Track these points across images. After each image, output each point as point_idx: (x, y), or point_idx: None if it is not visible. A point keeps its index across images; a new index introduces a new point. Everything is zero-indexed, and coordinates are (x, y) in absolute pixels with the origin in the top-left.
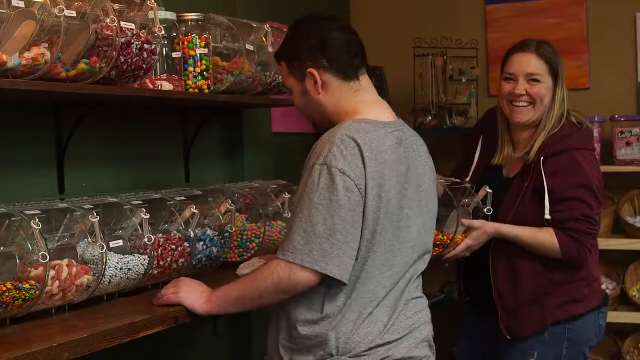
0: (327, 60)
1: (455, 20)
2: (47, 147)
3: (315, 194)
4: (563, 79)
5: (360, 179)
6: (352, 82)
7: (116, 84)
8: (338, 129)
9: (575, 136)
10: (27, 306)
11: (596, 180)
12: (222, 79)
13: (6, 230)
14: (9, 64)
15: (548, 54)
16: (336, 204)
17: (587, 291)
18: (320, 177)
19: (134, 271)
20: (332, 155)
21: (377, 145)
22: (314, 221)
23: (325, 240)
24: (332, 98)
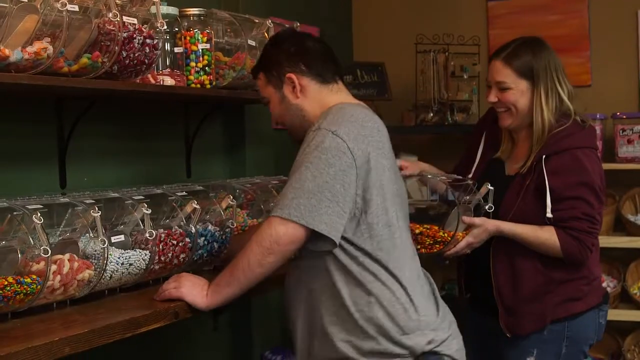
0: (305, 65)
1: (457, 17)
2: (49, 141)
3: (306, 154)
4: (551, 78)
5: (354, 142)
6: (331, 85)
7: (118, 78)
8: (330, 109)
9: (578, 135)
10: (28, 301)
11: (598, 179)
12: (224, 75)
13: (8, 224)
14: (12, 58)
15: (518, 58)
16: (325, 162)
17: (587, 289)
18: (313, 139)
19: (135, 266)
20: (326, 121)
21: (370, 119)
22: (302, 178)
23: (312, 196)
24: (312, 101)
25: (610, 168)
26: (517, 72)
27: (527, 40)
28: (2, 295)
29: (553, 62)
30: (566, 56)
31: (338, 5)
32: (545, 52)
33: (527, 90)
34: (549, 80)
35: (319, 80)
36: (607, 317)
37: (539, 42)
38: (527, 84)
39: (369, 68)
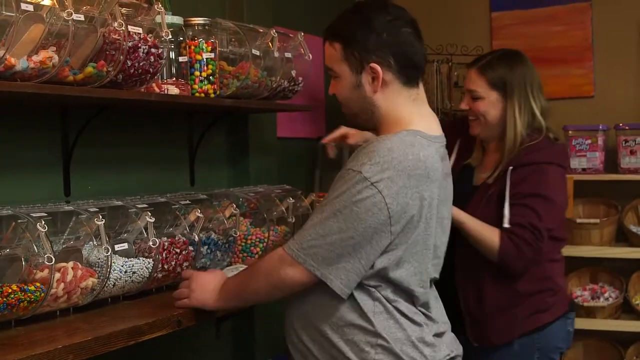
0: (394, 59)
1: (461, 27)
2: (53, 149)
3: (340, 199)
4: (524, 93)
5: (395, 198)
6: (412, 90)
7: (123, 87)
8: (391, 137)
9: (547, 150)
10: (32, 308)
11: (558, 196)
12: (228, 84)
13: (12, 232)
14: (17, 67)
15: (492, 70)
16: (356, 217)
17: (552, 300)
18: (350, 184)
19: (138, 274)
20: (371, 165)
21: (429, 162)
22: (329, 227)
23: (334, 250)
24: (389, 101)
25: (613, 179)
26: (490, 83)
27: (507, 53)
28: (6, 303)
29: (529, 77)
30: (569, 67)
31: None
32: (521, 67)
33: (498, 102)
34: (522, 95)
35: (403, 80)
36: (574, 325)
37: (518, 56)
38: (498, 96)
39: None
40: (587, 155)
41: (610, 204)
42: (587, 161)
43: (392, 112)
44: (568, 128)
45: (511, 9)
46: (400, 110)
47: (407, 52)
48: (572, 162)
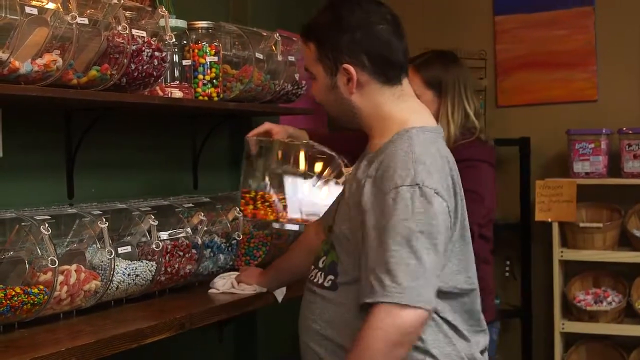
0: (369, 59)
1: (464, 31)
2: (57, 152)
3: (413, 220)
4: (459, 93)
5: (451, 198)
6: (395, 87)
7: (127, 91)
8: (411, 141)
9: (479, 149)
10: (35, 311)
11: (488, 195)
12: (232, 87)
13: (16, 235)
14: (22, 70)
15: (428, 68)
16: (436, 230)
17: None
18: (413, 201)
19: (141, 277)
20: (422, 173)
21: (448, 156)
22: (418, 253)
23: (432, 275)
24: (369, 102)
25: (616, 183)
26: (425, 81)
27: (442, 53)
28: (9, 305)
29: (463, 78)
30: (572, 71)
31: None
32: (456, 67)
33: (433, 102)
34: (456, 95)
35: (382, 80)
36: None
37: (452, 57)
38: (433, 95)
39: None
40: (591, 159)
41: (614, 208)
42: (591, 165)
43: (376, 112)
44: (571, 132)
45: (514, 12)
46: (387, 110)
47: (382, 50)
48: (575, 166)
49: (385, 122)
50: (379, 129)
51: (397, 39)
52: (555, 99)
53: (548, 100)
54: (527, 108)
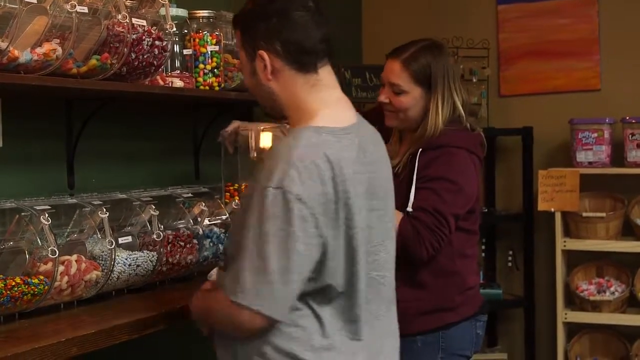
0: (282, 46)
1: (467, 20)
2: (57, 142)
3: (269, 223)
4: (448, 87)
5: (318, 206)
6: (310, 75)
7: (127, 80)
8: (295, 142)
9: (458, 135)
10: (36, 301)
11: (467, 183)
12: (233, 77)
13: (16, 225)
14: (21, 59)
15: (417, 63)
16: (292, 237)
17: (459, 299)
18: (274, 204)
19: (142, 267)
20: (289, 178)
21: (338, 161)
22: (266, 256)
23: (278, 279)
24: (285, 89)
25: (619, 172)
26: (415, 77)
27: (429, 44)
28: (9, 296)
29: (451, 70)
30: (575, 60)
31: (348, 8)
32: (444, 59)
33: (421, 98)
34: (445, 89)
35: (296, 67)
36: (485, 327)
37: (439, 47)
38: (422, 91)
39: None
40: (594, 148)
41: (617, 197)
42: (594, 154)
43: (291, 100)
44: (574, 121)
45: (517, 1)
46: (300, 99)
47: (296, 37)
48: (579, 155)
49: (298, 112)
50: (294, 119)
51: (315, 26)
52: (558, 89)
53: (551, 90)
54: (530, 97)
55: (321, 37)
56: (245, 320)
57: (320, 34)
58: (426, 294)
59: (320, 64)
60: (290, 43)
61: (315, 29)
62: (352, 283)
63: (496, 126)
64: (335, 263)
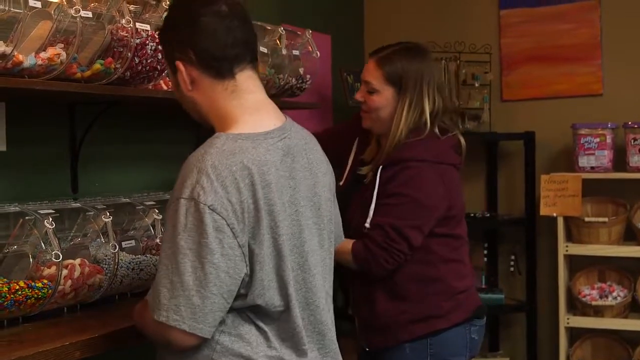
0: (194, 54)
1: (469, 25)
2: (61, 146)
3: (182, 236)
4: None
5: (233, 216)
6: (227, 82)
7: (130, 84)
8: (208, 149)
9: (422, 147)
10: (39, 305)
11: (426, 195)
12: None
13: (20, 229)
14: (25, 63)
15: (390, 64)
16: (207, 249)
17: (448, 306)
18: (187, 216)
19: (145, 272)
20: (201, 187)
21: (257, 167)
22: (181, 270)
23: (195, 294)
24: (206, 98)
25: (621, 177)
26: (386, 77)
27: (408, 46)
28: (13, 300)
29: (427, 74)
30: (578, 65)
31: (350, 13)
32: (420, 63)
33: (393, 99)
34: (416, 93)
35: (212, 74)
36: (483, 331)
37: (419, 51)
38: (393, 92)
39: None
40: (596, 153)
41: (619, 202)
42: (596, 159)
43: (212, 108)
44: (576, 126)
45: (520, 6)
46: (220, 106)
47: (206, 44)
48: (581, 160)
49: (220, 120)
50: (217, 127)
51: (226, 31)
52: (560, 93)
53: (553, 95)
54: (532, 102)
55: (233, 42)
56: (174, 338)
57: (231, 38)
58: (410, 306)
59: (238, 68)
60: (202, 49)
61: (226, 34)
62: (286, 296)
63: (498, 131)
64: (264, 274)
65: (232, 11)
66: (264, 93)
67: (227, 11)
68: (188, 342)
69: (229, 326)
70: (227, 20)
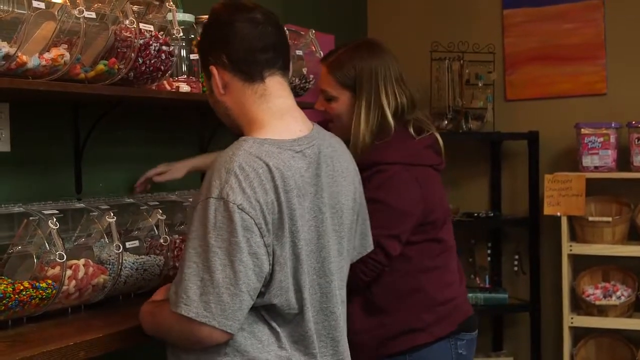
0: (227, 57)
1: (473, 25)
2: (65, 147)
3: (212, 234)
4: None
5: (261, 216)
6: (257, 85)
7: (134, 85)
8: (236, 151)
9: (390, 148)
10: (44, 305)
11: (399, 200)
12: None
13: (24, 229)
14: (29, 64)
15: (341, 66)
16: (236, 247)
17: (429, 318)
18: (216, 215)
19: (149, 272)
20: (230, 187)
21: (281, 172)
22: (211, 268)
23: (225, 291)
24: (236, 102)
25: (625, 177)
26: (339, 81)
27: (357, 44)
28: (17, 300)
29: (383, 71)
30: (581, 65)
31: (354, 14)
32: (372, 58)
33: (351, 103)
34: (373, 92)
35: (243, 77)
36: (474, 345)
37: (370, 46)
38: (350, 95)
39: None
40: (600, 153)
41: (623, 202)
42: (600, 159)
43: (242, 112)
44: (580, 126)
45: (523, 6)
46: (249, 110)
47: (237, 47)
48: (584, 159)
49: (249, 124)
50: (246, 131)
51: (260, 36)
52: (564, 93)
53: (557, 94)
54: (536, 102)
55: (264, 47)
56: (204, 335)
57: (263, 43)
58: (388, 319)
59: (268, 73)
60: (234, 53)
61: (258, 39)
62: (301, 300)
63: (502, 130)
64: (283, 276)
65: (266, 19)
66: (293, 100)
67: (261, 18)
68: (217, 338)
69: (243, 323)
70: (260, 27)
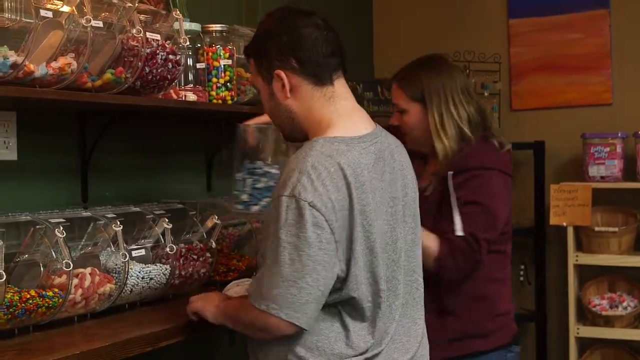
0: (297, 62)
1: (478, 35)
2: (71, 156)
3: (283, 230)
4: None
5: (332, 213)
6: (326, 88)
7: (141, 94)
8: (309, 151)
9: (489, 156)
10: (50, 314)
11: (499, 206)
12: (246, 90)
13: (31, 238)
14: (37, 73)
15: (409, 80)
16: (305, 242)
17: (491, 326)
18: (287, 212)
19: (155, 281)
20: (302, 186)
21: (352, 169)
22: (280, 261)
23: (292, 284)
24: (303, 105)
25: (632, 187)
26: (409, 95)
27: (422, 60)
28: (24, 309)
29: (449, 84)
30: (587, 74)
31: (359, 22)
32: (438, 72)
33: (422, 115)
34: (442, 103)
35: (313, 81)
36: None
37: (434, 61)
38: (420, 108)
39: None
40: (606, 163)
41: (629, 212)
42: (606, 169)
43: (309, 116)
44: (586, 136)
45: (529, 16)
46: (318, 113)
47: (310, 52)
48: (591, 170)
49: (315, 126)
50: (311, 132)
51: (326, 40)
52: (570, 103)
53: (563, 104)
54: (542, 112)
55: (332, 51)
56: (272, 325)
57: (330, 47)
58: (453, 322)
59: (335, 76)
60: (305, 57)
61: (326, 44)
62: (377, 292)
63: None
64: (358, 270)
65: (326, 24)
66: (355, 100)
67: (323, 24)
68: (285, 330)
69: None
70: (324, 32)
